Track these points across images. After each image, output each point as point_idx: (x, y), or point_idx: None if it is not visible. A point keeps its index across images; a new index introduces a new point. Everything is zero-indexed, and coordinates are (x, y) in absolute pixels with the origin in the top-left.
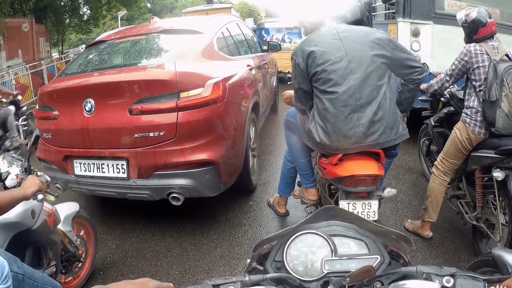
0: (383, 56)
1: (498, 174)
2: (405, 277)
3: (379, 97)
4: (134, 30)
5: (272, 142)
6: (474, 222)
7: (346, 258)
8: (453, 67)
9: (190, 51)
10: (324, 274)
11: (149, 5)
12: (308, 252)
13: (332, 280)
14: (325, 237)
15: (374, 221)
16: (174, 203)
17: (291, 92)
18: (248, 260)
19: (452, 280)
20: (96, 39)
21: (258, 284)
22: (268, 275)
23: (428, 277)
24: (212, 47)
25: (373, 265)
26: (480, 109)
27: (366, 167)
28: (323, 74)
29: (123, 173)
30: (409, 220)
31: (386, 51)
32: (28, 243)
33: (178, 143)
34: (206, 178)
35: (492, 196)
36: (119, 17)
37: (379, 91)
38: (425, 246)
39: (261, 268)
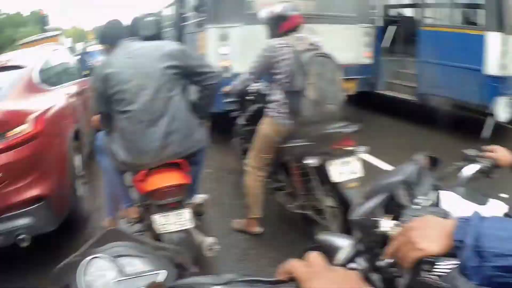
0: (175, 67)
1: (312, 161)
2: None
3: (172, 108)
4: None
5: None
6: (300, 211)
7: (133, 276)
8: (256, 64)
9: (13, 88)
10: None
11: None
12: (97, 277)
13: None
14: (110, 259)
15: (195, 228)
16: (22, 244)
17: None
18: None
19: None
20: None
21: None
22: None
23: None
24: (32, 80)
25: (163, 280)
26: (285, 101)
27: (169, 179)
28: (118, 95)
29: None
30: (236, 220)
31: (178, 61)
32: None
33: (11, 183)
34: (42, 213)
35: (313, 182)
36: None
37: (171, 102)
38: (258, 243)
39: None
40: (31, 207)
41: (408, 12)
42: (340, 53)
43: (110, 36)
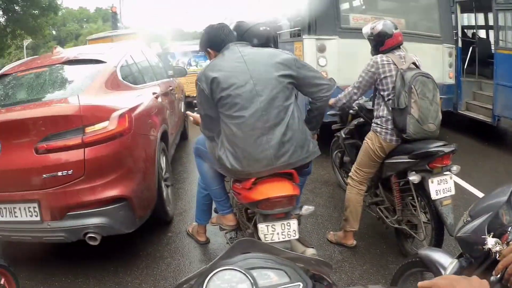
0: (289, 76)
1: (414, 178)
2: None
3: (286, 118)
4: (38, 61)
5: (185, 169)
6: (396, 225)
7: None
8: (360, 79)
9: (94, 82)
10: None
11: (54, 32)
12: None
13: None
14: (243, 272)
15: (297, 239)
16: (91, 243)
17: (197, 115)
18: None
19: None
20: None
21: None
22: None
23: None
24: (116, 76)
25: None
26: (390, 117)
27: (280, 189)
28: (229, 99)
29: (36, 216)
30: (331, 232)
31: (292, 71)
32: None
33: (87, 181)
34: (120, 214)
35: (411, 198)
36: (24, 46)
37: (287, 111)
38: (351, 255)
39: None
40: (107, 207)
41: (482, 33)
42: (428, 72)
43: (215, 40)
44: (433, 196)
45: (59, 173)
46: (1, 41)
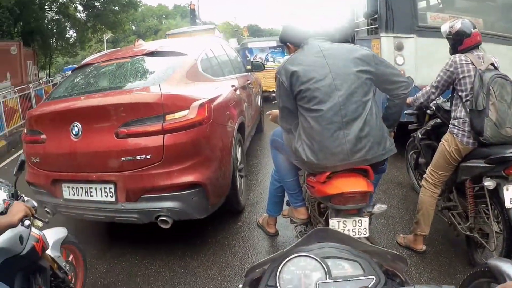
0: (368, 72)
1: (489, 183)
2: None
3: (364, 113)
4: (120, 52)
5: (259, 162)
6: (468, 233)
7: (340, 280)
8: (439, 78)
9: (175, 73)
10: None
11: (133, 27)
12: (301, 276)
13: None
14: (318, 260)
15: (366, 238)
16: (162, 226)
17: (276, 111)
18: (240, 286)
19: None
20: (82, 62)
21: None
22: None
23: None
24: (196, 68)
25: (369, 286)
26: (467, 119)
27: (355, 184)
28: (308, 92)
29: (111, 196)
30: (401, 235)
31: (371, 67)
32: (17, 269)
33: (165, 165)
34: (194, 200)
35: (484, 205)
36: (104, 40)
37: (365, 107)
38: (419, 260)
39: None
40: (181, 192)
41: None
42: (507, 74)
43: (295, 35)
44: (507, 204)
45: (138, 157)
46: (82, 35)
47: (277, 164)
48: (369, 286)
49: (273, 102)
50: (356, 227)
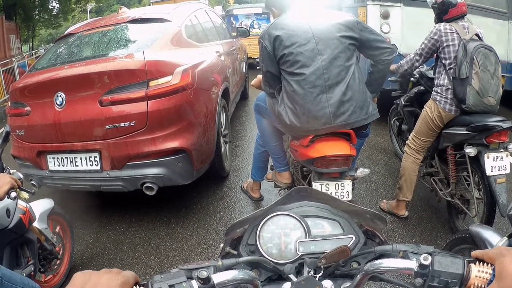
0: (351, 37)
1: (470, 151)
2: (382, 256)
3: (347, 78)
4: (103, 21)
5: (243, 128)
6: (449, 198)
7: (320, 239)
8: (423, 46)
9: (159, 40)
10: (298, 256)
11: None
12: (281, 234)
13: (307, 261)
14: (298, 218)
15: (349, 201)
16: (148, 193)
17: (260, 76)
18: (222, 245)
19: (429, 258)
20: (65, 32)
21: (231, 268)
22: (242, 259)
23: (405, 256)
24: (180, 34)
25: (348, 245)
26: (450, 86)
27: (337, 148)
28: (290, 57)
29: (96, 165)
30: (384, 201)
31: (354, 33)
32: (5, 243)
33: (149, 132)
34: (178, 166)
35: (465, 172)
36: (88, 10)
37: (348, 71)
38: (402, 226)
39: (235, 252)
40: (166, 158)
41: None
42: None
43: (279, 1)
44: (488, 172)
45: (122, 124)
46: (65, 5)
47: (261, 129)
48: (349, 245)
49: (258, 67)
50: (339, 191)
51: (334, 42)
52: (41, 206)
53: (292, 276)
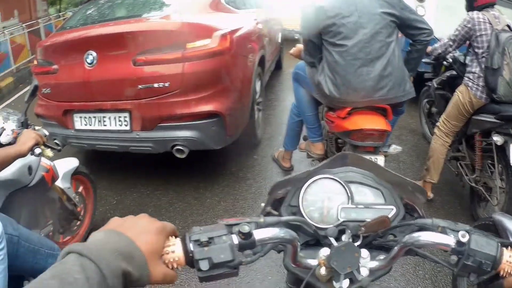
0: (392, 15)
1: (497, 139)
2: (420, 229)
3: (388, 53)
4: None
5: (276, 97)
6: (473, 184)
7: (362, 206)
8: (457, 32)
9: (197, 3)
10: (339, 222)
11: None
12: (324, 198)
13: (349, 226)
14: (343, 183)
15: None
16: (178, 155)
17: (299, 45)
18: (262, 204)
19: (467, 236)
20: None
21: (273, 226)
22: (284, 218)
23: (443, 231)
24: None
25: (389, 216)
26: (482, 75)
27: (375, 122)
28: (333, 27)
29: (126, 125)
30: None
31: (395, 11)
32: (24, 201)
33: (183, 94)
34: (212, 130)
35: (490, 160)
36: None
37: (388, 47)
38: (426, 208)
39: (276, 212)
40: (199, 122)
41: None
42: None
43: None
44: None
45: (155, 85)
46: None
47: (298, 98)
48: (389, 216)
49: (296, 36)
50: None
51: (376, 17)
52: (65, 165)
53: (332, 240)
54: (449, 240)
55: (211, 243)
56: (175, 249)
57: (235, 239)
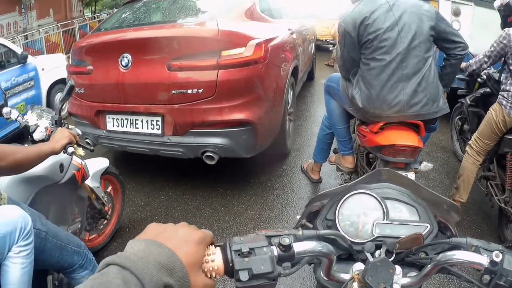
0: (431, 28)
1: None
2: (453, 248)
3: (424, 69)
4: None
5: (307, 108)
6: (502, 205)
7: (397, 223)
8: (492, 49)
9: (233, 11)
10: (374, 237)
11: None
12: (360, 213)
13: (387, 242)
14: (379, 199)
15: None
16: (208, 162)
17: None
18: (298, 216)
19: (501, 255)
20: None
21: (310, 239)
22: (321, 232)
23: (476, 250)
24: (254, 7)
25: (423, 233)
26: None
27: (407, 138)
28: (375, 42)
29: (158, 129)
30: None
31: (434, 23)
32: (54, 198)
33: (216, 101)
34: (242, 138)
35: None
36: None
37: (425, 62)
38: None
39: (310, 225)
40: (231, 129)
41: None
42: None
43: None
44: None
45: (189, 91)
46: None
47: (330, 110)
48: (423, 233)
49: (330, 49)
50: None
51: (415, 31)
52: (96, 165)
53: (368, 255)
54: (482, 259)
55: (252, 253)
56: (215, 258)
57: (275, 251)
